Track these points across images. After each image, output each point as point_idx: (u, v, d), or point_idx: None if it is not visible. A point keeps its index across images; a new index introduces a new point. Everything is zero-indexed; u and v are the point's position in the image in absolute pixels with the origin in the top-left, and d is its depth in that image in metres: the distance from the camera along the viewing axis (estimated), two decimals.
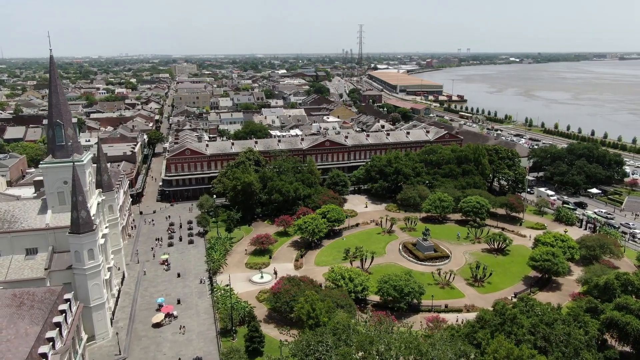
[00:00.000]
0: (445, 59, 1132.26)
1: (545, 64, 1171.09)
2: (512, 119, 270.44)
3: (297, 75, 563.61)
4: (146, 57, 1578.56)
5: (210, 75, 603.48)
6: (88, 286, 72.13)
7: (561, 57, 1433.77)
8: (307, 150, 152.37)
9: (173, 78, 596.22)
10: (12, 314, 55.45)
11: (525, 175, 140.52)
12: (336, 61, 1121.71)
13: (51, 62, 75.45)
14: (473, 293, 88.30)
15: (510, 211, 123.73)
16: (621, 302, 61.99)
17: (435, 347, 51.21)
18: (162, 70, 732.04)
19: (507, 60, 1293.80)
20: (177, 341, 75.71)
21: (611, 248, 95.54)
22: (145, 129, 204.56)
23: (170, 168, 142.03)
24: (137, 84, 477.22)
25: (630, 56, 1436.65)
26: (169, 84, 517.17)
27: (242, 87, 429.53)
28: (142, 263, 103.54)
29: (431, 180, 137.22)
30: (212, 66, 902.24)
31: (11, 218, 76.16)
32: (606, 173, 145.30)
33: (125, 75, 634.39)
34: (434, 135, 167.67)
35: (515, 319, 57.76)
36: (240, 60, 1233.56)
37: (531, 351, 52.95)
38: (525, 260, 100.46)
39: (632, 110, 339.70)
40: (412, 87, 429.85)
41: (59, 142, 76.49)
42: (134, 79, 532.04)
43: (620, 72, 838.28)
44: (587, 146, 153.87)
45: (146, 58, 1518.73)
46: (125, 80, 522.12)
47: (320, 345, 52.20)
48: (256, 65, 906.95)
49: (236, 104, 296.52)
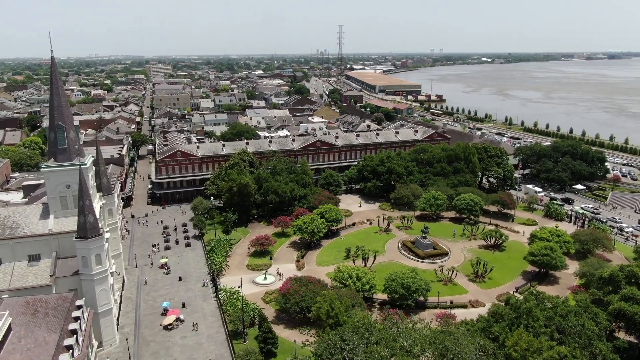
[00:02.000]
0: (419, 59, 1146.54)
1: (516, 64, 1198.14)
2: (492, 117, 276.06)
3: (275, 76, 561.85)
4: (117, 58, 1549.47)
5: (186, 76, 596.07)
6: (96, 292, 70.69)
7: (531, 57, 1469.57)
8: (298, 151, 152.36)
9: (148, 79, 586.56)
10: (29, 322, 54.03)
11: (514, 172, 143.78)
12: (311, 62, 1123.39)
13: (52, 63, 73.65)
14: (475, 289, 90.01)
15: (502, 208, 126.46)
16: (627, 293, 64.31)
17: (460, 342, 52.13)
18: (136, 71, 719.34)
19: (479, 60, 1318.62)
20: (187, 345, 74.86)
21: (604, 242, 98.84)
22: (129, 132, 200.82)
23: (161, 170, 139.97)
24: (112, 85, 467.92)
25: (596, 56, 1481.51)
26: (145, 85, 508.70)
27: (220, 88, 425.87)
28: (140, 267, 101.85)
29: (423, 179, 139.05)
30: (187, 67, 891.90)
31: (12, 224, 73.99)
32: (589, 170, 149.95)
33: (98, 76, 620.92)
34: (422, 134, 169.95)
35: (531, 312, 59.25)
36: (214, 61, 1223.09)
37: (550, 343, 54.51)
38: (521, 255, 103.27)
39: (605, 109, 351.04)
40: (392, 87, 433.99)
41: (61, 145, 74.64)
42: (108, 81, 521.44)
43: (587, 72, 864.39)
44: (571, 144, 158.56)
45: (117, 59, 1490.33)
46: (99, 82, 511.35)
47: (346, 344, 52.48)
48: (232, 66, 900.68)
49: (218, 105, 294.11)
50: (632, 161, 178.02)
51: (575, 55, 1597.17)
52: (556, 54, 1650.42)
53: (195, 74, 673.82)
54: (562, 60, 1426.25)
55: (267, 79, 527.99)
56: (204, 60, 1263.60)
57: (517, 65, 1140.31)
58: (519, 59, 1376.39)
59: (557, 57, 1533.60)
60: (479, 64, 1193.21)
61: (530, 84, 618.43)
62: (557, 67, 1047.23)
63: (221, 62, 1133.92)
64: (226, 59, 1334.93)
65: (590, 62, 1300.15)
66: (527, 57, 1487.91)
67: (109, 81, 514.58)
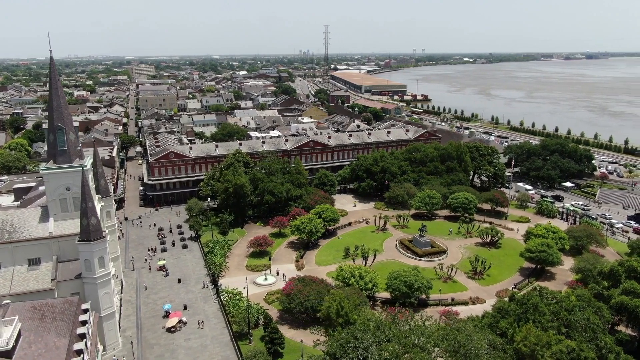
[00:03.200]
0: (402, 60, 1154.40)
1: (497, 64, 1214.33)
2: (479, 117, 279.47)
3: (259, 77, 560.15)
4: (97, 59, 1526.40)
5: (170, 77, 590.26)
6: (99, 295, 69.70)
7: (511, 57, 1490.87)
8: (291, 151, 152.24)
9: (131, 80, 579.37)
10: (37, 327, 53.14)
11: (505, 171, 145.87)
12: (295, 62, 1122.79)
13: (51, 63, 72.55)
14: (475, 286, 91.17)
15: (496, 206, 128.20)
16: (628, 287, 65.93)
17: (472, 337, 52.81)
18: (118, 72, 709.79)
19: (461, 60, 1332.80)
20: (191, 347, 74.32)
21: (597, 238, 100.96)
22: (117, 133, 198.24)
23: (154, 172, 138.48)
24: (95, 86, 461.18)
25: (574, 56, 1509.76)
26: (128, 85, 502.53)
27: (206, 88, 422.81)
28: (137, 270, 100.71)
29: (417, 178, 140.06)
30: (170, 67, 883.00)
31: (11, 227, 72.57)
32: (578, 167, 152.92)
33: (79, 77, 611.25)
34: (413, 134, 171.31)
35: (537, 307, 60.30)
36: (197, 61, 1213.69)
37: (558, 337, 55.56)
38: (516, 252, 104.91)
39: (588, 108, 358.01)
40: (377, 87, 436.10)
41: (61, 147, 73.54)
42: (90, 82, 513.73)
43: (566, 72, 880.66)
44: (560, 142, 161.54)
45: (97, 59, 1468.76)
46: (81, 83, 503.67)
47: (360, 342, 52.72)
48: (215, 66, 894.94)
49: (205, 106, 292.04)
50: (617, 159, 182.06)
51: (554, 55, 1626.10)
52: (536, 54, 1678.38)
53: (179, 74, 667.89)
54: (541, 60, 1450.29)
55: (252, 79, 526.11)
56: (186, 61, 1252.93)
57: (499, 65, 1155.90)
58: (500, 59, 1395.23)
59: (537, 57, 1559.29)
60: (461, 64, 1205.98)
61: (512, 83, 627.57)
62: (537, 67, 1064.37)
63: (204, 62, 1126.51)
64: (209, 60, 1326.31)
65: (569, 62, 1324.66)
66: (508, 57, 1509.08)
67: (91, 82, 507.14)
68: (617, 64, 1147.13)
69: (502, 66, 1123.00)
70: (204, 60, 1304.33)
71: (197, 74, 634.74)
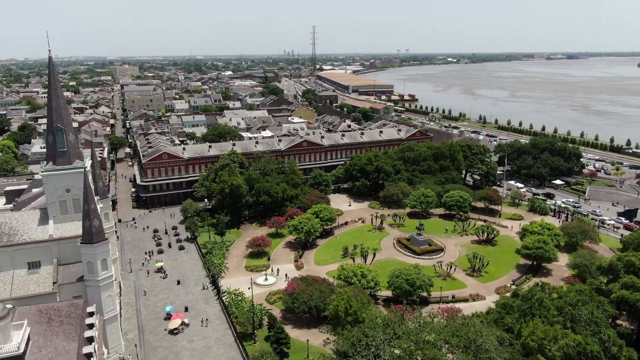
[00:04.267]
0: (387, 60, 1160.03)
1: (480, 64, 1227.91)
2: (466, 116, 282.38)
3: (245, 77, 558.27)
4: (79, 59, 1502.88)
5: (155, 77, 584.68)
6: (102, 298, 68.78)
7: (494, 57, 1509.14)
8: (285, 151, 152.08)
9: (115, 80, 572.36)
10: (45, 331, 52.28)
11: (497, 169, 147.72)
12: (280, 62, 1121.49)
13: (50, 63, 71.47)
14: (474, 283, 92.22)
15: (489, 204, 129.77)
16: (627, 281, 67.40)
17: (482, 333, 53.48)
18: (101, 72, 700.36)
19: (445, 60, 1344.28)
20: (195, 349, 73.87)
21: (590, 234, 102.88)
22: (106, 134, 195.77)
23: (147, 173, 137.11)
24: (78, 87, 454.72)
25: (555, 56, 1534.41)
26: (112, 86, 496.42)
27: (192, 89, 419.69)
28: (135, 272, 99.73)
29: (410, 177, 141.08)
30: (154, 68, 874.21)
31: (9, 230, 71.27)
32: (567, 165, 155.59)
33: (62, 78, 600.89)
34: (405, 133, 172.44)
35: (542, 302, 61.31)
36: (181, 61, 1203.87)
37: (564, 331, 56.56)
38: (512, 249, 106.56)
39: (573, 107, 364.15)
40: (365, 87, 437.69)
41: (61, 148, 72.39)
42: (73, 82, 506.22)
43: (548, 71, 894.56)
44: (549, 140, 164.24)
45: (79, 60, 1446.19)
46: (64, 84, 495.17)
47: (372, 340, 53.01)
48: (200, 66, 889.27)
49: (193, 107, 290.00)
50: (603, 156, 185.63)
51: (535, 55, 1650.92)
52: (518, 54, 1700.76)
53: (164, 75, 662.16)
54: (523, 60, 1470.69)
55: (238, 79, 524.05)
56: (170, 61, 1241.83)
57: (482, 65, 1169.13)
58: (482, 59, 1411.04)
59: (519, 57, 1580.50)
60: (445, 64, 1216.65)
61: (495, 83, 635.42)
62: (520, 67, 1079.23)
63: (188, 62, 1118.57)
64: (193, 60, 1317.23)
65: (550, 61, 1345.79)
66: (491, 57, 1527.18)
67: (74, 83, 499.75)
68: (596, 64, 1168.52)
69: (486, 66, 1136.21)
70: (187, 60, 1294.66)
71: (182, 75, 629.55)
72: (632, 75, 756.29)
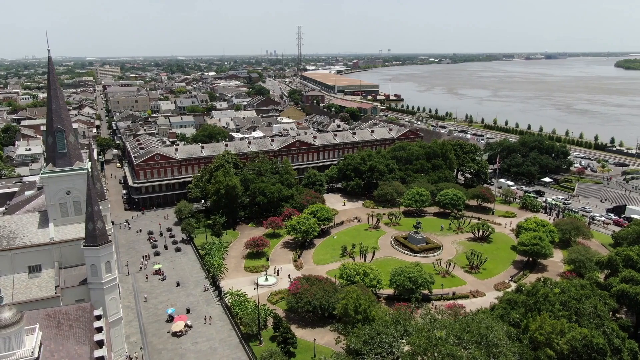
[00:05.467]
0: (370, 60, 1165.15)
1: (462, 64, 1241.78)
2: (453, 115, 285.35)
3: (230, 77, 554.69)
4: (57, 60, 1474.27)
5: (138, 78, 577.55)
6: (106, 301, 67.81)
7: (475, 57, 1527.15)
8: (278, 152, 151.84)
9: (97, 81, 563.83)
10: (56, 335, 51.47)
11: (488, 167, 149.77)
12: (263, 62, 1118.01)
13: (50, 63, 70.23)
14: (473, 279, 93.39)
15: (482, 202, 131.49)
16: (627, 275, 69.09)
17: (493, 328, 54.27)
18: (81, 73, 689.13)
19: (427, 60, 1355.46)
20: (200, 351, 73.38)
21: (583, 230, 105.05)
22: (93, 135, 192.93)
23: (139, 174, 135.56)
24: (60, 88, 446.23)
25: (534, 56, 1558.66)
26: (94, 87, 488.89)
27: (176, 89, 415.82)
28: (132, 275, 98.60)
29: (404, 176, 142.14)
30: (135, 69, 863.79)
31: (9, 234, 69.87)
32: (555, 163, 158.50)
33: (41, 78, 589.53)
34: (396, 133, 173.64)
35: (547, 297, 62.47)
36: (162, 62, 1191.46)
37: (571, 325, 57.74)
38: (507, 246, 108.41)
39: (557, 106, 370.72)
40: (350, 87, 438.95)
41: (61, 150, 71.21)
42: None
43: (528, 71, 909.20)
44: (537, 139, 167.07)
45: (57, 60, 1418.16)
46: (44, 85, 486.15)
47: (385, 337, 53.36)
48: (182, 67, 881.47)
49: (180, 107, 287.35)
50: (588, 154, 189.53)
51: (515, 55, 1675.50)
52: (498, 54, 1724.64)
53: (146, 75, 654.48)
54: (503, 60, 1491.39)
55: (223, 80, 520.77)
56: (151, 62, 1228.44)
57: (463, 65, 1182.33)
58: (464, 59, 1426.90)
59: (499, 57, 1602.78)
60: (427, 64, 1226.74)
61: (477, 82, 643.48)
62: (500, 67, 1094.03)
63: (169, 63, 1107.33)
64: (174, 60, 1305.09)
65: (530, 61, 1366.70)
66: (472, 57, 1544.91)
67: None
68: (574, 64, 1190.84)
69: (467, 66, 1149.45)
70: (169, 61, 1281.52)
71: (165, 75, 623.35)
72: (609, 75, 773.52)
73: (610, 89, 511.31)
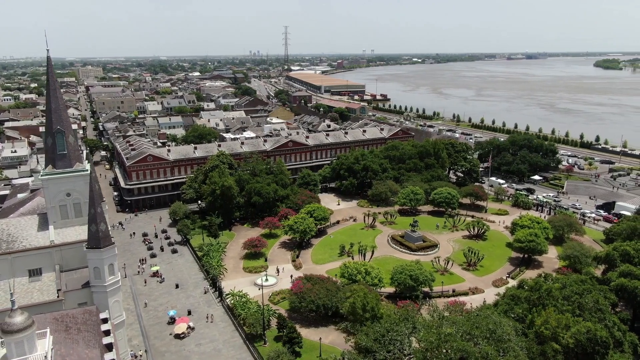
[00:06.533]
0: (354, 60, 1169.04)
1: (445, 64, 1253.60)
2: (440, 115, 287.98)
3: (215, 78, 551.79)
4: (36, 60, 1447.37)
5: (121, 79, 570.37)
6: (109, 304, 66.91)
7: (457, 58, 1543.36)
8: (271, 152, 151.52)
9: (79, 82, 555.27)
10: (65, 339, 50.74)
11: (479, 166, 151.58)
12: (247, 63, 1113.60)
13: (49, 63, 69.07)
14: (471, 277, 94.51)
15: (475, 200, 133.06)
16: (625, 269, 70.71)
17: (502, 324, 55.07)
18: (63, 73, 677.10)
19: (410, 60, 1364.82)
20: (204, 352, 72.93)
21: (576, 227, 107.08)
22: (81, 137, 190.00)
23: (131, 176, 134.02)
24: (41, 88, 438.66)
25: (516, 56, 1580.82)
26: (77, 88, 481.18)
27: (162, 90, 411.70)
28: (130, 277, 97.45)
29: (397, 175, 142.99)
30: (117, 69, 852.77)
31: (8, 237, 68.60)
32: (544, 161, 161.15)
33: (21, 79, 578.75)
34: (388, 132, 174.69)
35: (551, 292, 63.60)
36: (145, 62, 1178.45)
37: (576, 319, 58.87)
38: (502, 243, 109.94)
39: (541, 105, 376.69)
40: (337, 87, 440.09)
41: (61, 151, 70.26)
42: (34, 84, 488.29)
43: (509, 71, 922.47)
44: (527, 137, 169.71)
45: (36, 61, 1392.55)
46: (25, 86, 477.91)
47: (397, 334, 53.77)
48: (165, 67, 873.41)
49: (167, 108, 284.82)
50: (574, 152, 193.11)
51: (497, 55, 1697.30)
52: (480, 54, 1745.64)
53: (129, 76, 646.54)
54: (485, 60, 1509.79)
55: (208, 80, 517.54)
56: (133, 62, 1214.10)
57: (447, 65, 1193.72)
58: (447, 59, 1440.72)
59: (481, 57, 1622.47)
60: (411, 64, 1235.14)
61: (461, 82, 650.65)
62: (483, 67, 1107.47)
63: (152, 63, 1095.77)
64: (157, 61, 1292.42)
65: (511, 61, 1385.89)
66: (454, 57, 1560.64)
67: (36, 84, 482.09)
68: (555, 64, 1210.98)
69: (450, 66, 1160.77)
70: (151, 61, 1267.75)
71: (149, 76, 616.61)
72: (588, 75, 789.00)
73: (589, 88, 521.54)
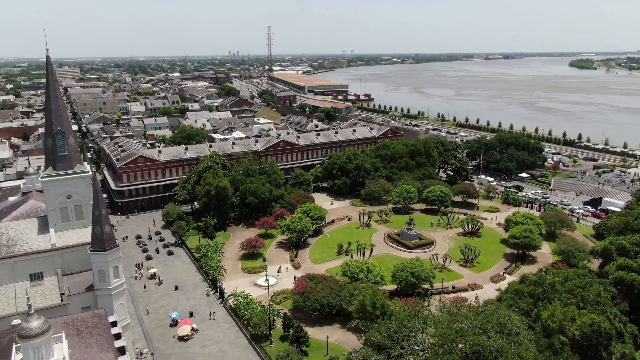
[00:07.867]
0: (335, 60, 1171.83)
1: (424, 64, 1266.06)
2: (425, 114, 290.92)
3: (196, 78, 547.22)
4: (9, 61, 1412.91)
5: (100, 80, 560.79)
6: (114, 307, 65.95)
7: (436, 58, 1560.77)
8: (262, 152, 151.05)
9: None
10: (78, 343, 49.93)
11: (469, 164, 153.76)
12: (227, 63, 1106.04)
13: (49, 64, 67.81)
14: (469, 273, 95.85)
15: (467, 197, 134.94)
16: (622, 263, 72.74)
17: (512, 318, 56.12)
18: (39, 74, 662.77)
19: (390, 60, 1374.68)
20: (210, 354, 72.42)
21: (567, 223, 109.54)
22: None
23: (122, 177, 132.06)
24: (18, 90, 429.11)
25: (493, 56, 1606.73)
26: None
27: (143, 91, 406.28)
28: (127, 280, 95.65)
29: (389, 174, 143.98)
30: (95, 70, 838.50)
31: (8, 241, 67.13)
32: (531, 159, 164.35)
33: None
34: (377, 132, 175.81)
35: (554, 286, 65.05)
36: (122, 63, 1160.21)
37: (581, 311, 60.35)
38: (496, 239, 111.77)
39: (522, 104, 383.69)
40: (320, 87, 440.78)
41: (61, 153, 69.00)
42: (10, 85, 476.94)
43: (488, 70, 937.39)
44: (514, 136, 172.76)
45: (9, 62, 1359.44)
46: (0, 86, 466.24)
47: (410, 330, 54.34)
48: (144, 68, 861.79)
49: (151, 109, 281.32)
50: (558, 150, 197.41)
51: (475, 55, 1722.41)
52: (458, 54, 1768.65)
53: (108, 77, 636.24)
54: (464, 60, 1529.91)
55: (189, 81, 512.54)
56: (110, 63, 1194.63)
57: (426, 65, 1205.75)
58: (426, 59, 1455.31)
59: (460, 57, 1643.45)
60: (391, 64, 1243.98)
61: (441, 82, 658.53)
62: (461, 66, 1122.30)
63: (130, 64, 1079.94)
64: (135, 61, 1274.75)
65: (489, 61, 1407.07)
66: (433, 57, 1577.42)
67: (11, 85, 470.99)
68: (531, 64, 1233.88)
69: (429, 66, 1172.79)
70: (129, 62, 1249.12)
71: (128, 76, 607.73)
72: (563, 74, 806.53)
73: (565, 87, 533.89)
